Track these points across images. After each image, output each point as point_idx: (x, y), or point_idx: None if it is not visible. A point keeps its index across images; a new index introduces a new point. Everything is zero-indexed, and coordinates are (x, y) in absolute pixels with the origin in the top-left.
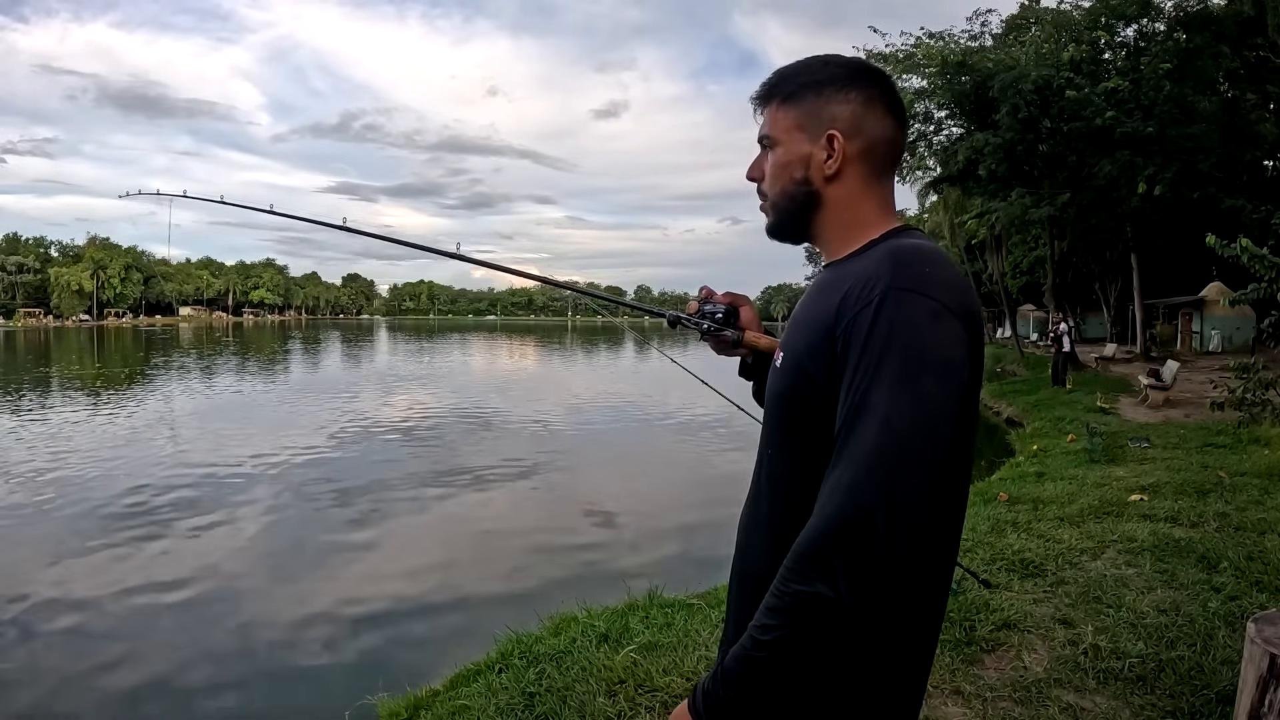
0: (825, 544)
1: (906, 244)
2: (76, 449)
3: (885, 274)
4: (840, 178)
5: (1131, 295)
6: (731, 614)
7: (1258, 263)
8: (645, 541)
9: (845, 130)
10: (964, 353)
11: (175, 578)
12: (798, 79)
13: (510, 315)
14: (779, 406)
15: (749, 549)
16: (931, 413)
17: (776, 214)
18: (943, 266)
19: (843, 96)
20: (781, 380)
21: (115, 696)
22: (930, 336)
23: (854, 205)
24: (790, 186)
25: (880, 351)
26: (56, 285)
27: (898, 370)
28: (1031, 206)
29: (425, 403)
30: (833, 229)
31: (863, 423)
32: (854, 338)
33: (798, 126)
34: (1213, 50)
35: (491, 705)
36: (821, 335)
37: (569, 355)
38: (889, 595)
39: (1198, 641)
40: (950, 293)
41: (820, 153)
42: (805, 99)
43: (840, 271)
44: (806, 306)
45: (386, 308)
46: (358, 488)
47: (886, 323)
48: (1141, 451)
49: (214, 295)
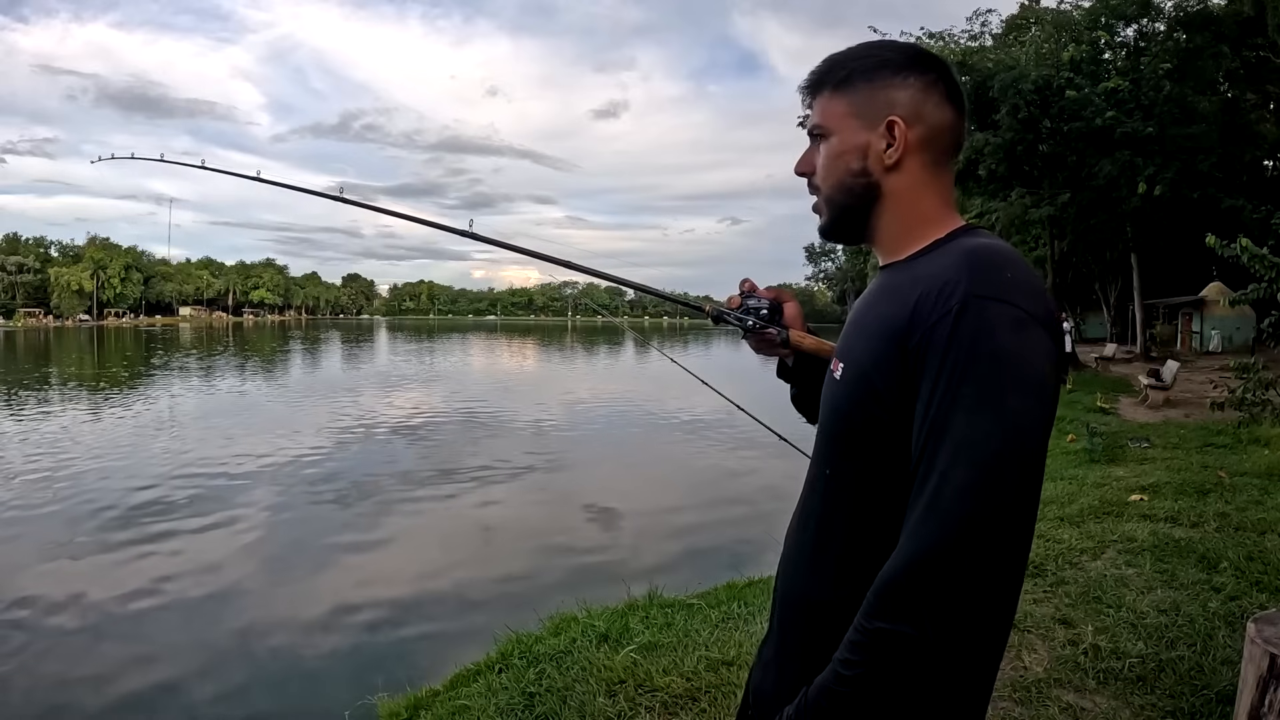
0: (910, 582)
1: (982, 244)
2: (77, 449)
3: (963, 279)
4: (901, 168)
5: (1131, 295)
6: (774, 634)
7: (1258, 263)
8: (645, 541)
9: (906, 116)
10: (1050, 365)
11: (175, 577)
12: (850, 64)
13: (510, 315)
14: (840, 424)
15: (796, 572)
16: (1019, 435)
17: (832, 210)
18: (1023, 270)
19: (901, 81)
20: (843, 394)
21: (115, 696)
22: (1015, 350)
23: (916, 198)
24: (847, 178)
25: (962, 368)
26: (56, 285)
27: (982, 389)
28: (1031, 206)
29: (425, 403)
30: (893, 225)
31: (945, 450)
32: (931, 352)
33: (852, 114)
34: (1213, 50)
35: (491, 705)
36: (891, 346)
37: (569, 355)
38: (975, 632)
39: (1198, 641)
40: (1034, 300)
41: (880, 141)
42: (860, 85)
43: (906, 274)
44: (869, 311)
45: (386, 308)
46: (358, 487)
47: (968, 335)
48: (1141, 451)
49: (214, 295)
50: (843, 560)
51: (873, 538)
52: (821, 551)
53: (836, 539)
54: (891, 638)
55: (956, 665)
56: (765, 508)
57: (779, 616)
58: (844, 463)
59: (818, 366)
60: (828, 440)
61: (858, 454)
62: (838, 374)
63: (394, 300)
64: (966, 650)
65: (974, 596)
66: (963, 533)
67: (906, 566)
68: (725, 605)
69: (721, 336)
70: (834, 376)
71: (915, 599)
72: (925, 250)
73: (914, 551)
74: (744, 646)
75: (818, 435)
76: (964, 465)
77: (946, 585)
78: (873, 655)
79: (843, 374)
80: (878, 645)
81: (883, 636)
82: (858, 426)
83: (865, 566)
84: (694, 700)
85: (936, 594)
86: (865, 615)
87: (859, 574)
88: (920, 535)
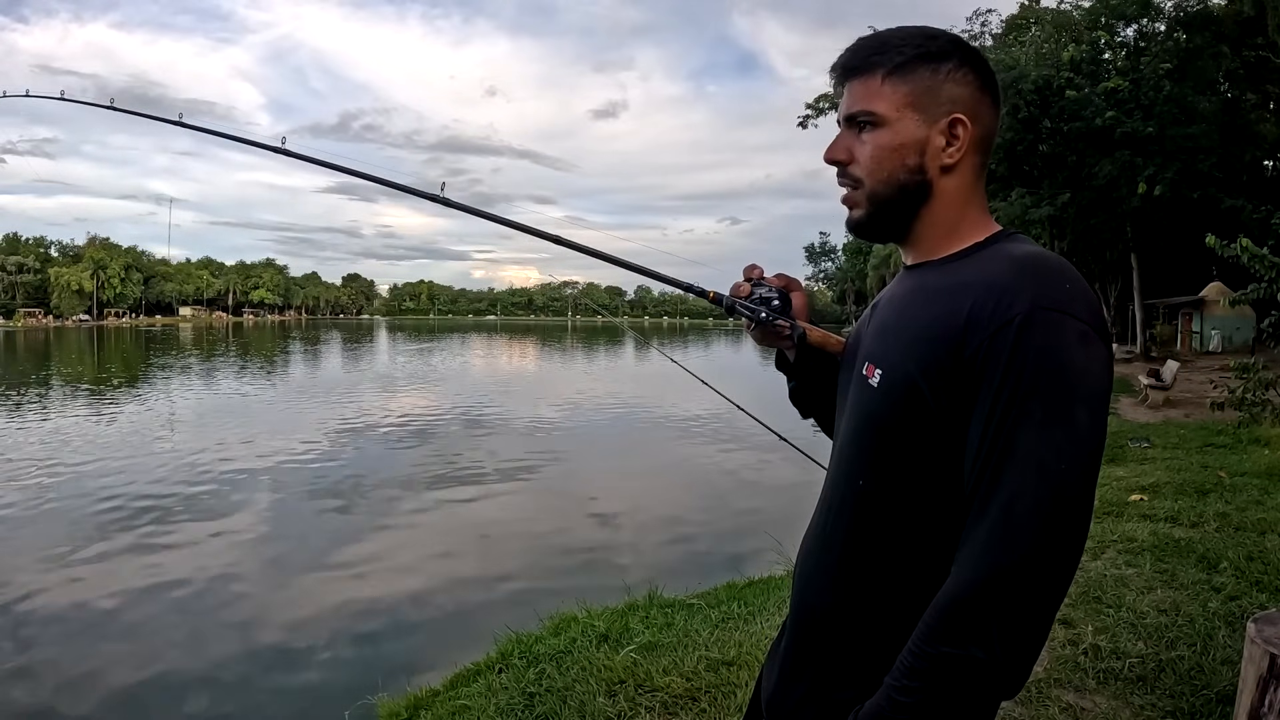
0: (980, 604)
1: (1037, 253)
2: (77, 449)
3: (1024, 289)
4: (956, 169)
5: (1131, 295)
6: (792, 645)
7: (1258, 263)
8: (645, 541)
9: (969, 115)
10: (1111, 379)
11: (175, 577)
12: (908, 48)
13: (510, 315)
14: (877, 434)
15: (816, 583)
16: (1087, 451)
17: (875, 205)
18: (1080, 282)
19: (962, 76)
20: (882, 403)
21: (114, 696)
22: (1082, 365)
23: (963, 201)
24: (903, 174)
25: (1029, 383)
26: (56, 285)
27: (1050, 406)
28: (1031, 206)
29: (426, 403)
30: (936, 226)
31: (1014, 466)
32: (992, 362)
33: (911, 104)
34: (1213, 50)
35: (491, 705)
36: (943, 353)
37: (569, 355)
38: (1037, 650)
39: (1198, 641)
40: (1094, 313)
41: (939, 138)
42: (921, 73)
43: (949, 277)
44: (908, 314)
45: (386, 308)
46: (358, 487)
47: (1034, 349)
48: (1141, 451)
49: (214, 295)
50: (875, 575)
51: (911, 553)
52: (850, 564)
53: (869, 552)
54: (959, 662)
55: (1016, 685)
56: (766, 507)
57: (797, 627)
58: (880, 473)
59: (822, 361)
60: (860, 450)
61: (897, 464)
62: (874, 380)
63: (394, 300)
64: (1028, 669)
65: (1043, 615)
66: (1037, 551)
67: (976, 588)
68: (725, 605)
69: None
70: (868, 383)
71: (986, 621)
72: (964, 253)
73: (984, 571)
74: (744, 646)
75: (844, 442)
76: (1035, 482)
77: (1019, 606)
78: (936, 680)
79: (880, 380)
80: (943, 670)
81: (949, 661)
82: (900, 436)
83: (900, 582)
84: (694, 700)
85: (1009, 615)
86: (927, 640)
87: (894, 589)
88: (990, 554)
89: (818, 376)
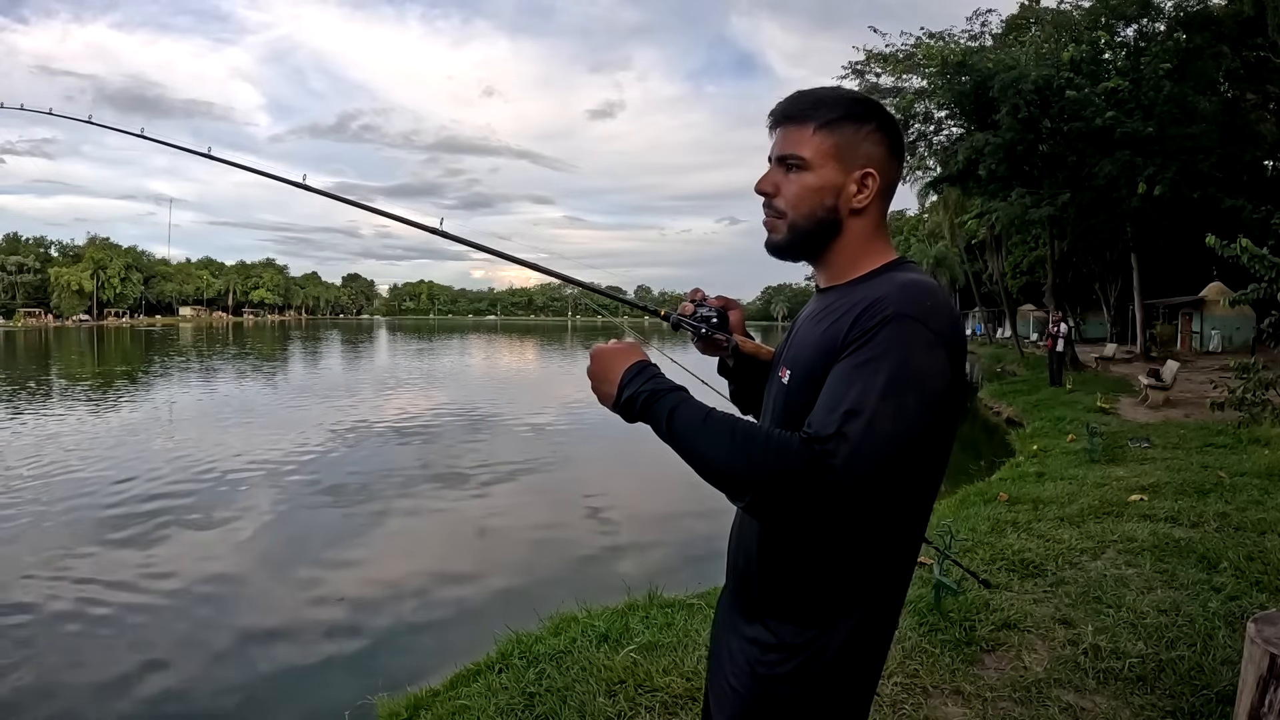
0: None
1: (913, 278)
2: (76, 449)
3: (895, 300)
4: (864, 212)
5: (1131, 295)
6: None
7: (1258, 263)
8: (645, 541)
9: (878, 169)
10: (946, 384)
11: (174, 577)
12: (838, 108)
13: (510, 315)
14: (785, 422)
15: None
16: (907, 435)
17: (793, 234)
18: (942, 301)
19: (878, 137)
20: (791, 395)
21: (114, 696)
22: (923, 364)
23: (867, 237)
24: (819, 212)
25: (880, 361)
26: (56, 285)
27: (890, 383)
28: (1031, 206)
29: (425, 403)
30: (843, 256)
31: (851, 402)
32: (857, 341)
33: (834, 155)
34: (1213, 50)
35: (491, 705)
36: (835, 346)
37: (570, 356)
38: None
39: (1198, 641)
40: (946, 327)
41: (852, 186)
42: (846, 130)
43: (847, 297)
44: (812, 330)
45: (386, 308)
46: (358, 487)
47: (890, 339)
48: (1141, 451)
49: (214, 295)
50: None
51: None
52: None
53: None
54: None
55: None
56: None
57: (728, 586)
58: None
59: (755, 367)
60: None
61: None
62: (785, 379)
63: (394, 300)
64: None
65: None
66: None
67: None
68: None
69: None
70: (781, 382)
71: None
72: (865, 277)
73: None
74: None
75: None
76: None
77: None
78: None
79: (790, 379)
80: (750, 452)
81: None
82: (802, 420)
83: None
84: (694, 700)
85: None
86: (759, 439)
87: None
88: (814, 422)
89: (752, 380)
